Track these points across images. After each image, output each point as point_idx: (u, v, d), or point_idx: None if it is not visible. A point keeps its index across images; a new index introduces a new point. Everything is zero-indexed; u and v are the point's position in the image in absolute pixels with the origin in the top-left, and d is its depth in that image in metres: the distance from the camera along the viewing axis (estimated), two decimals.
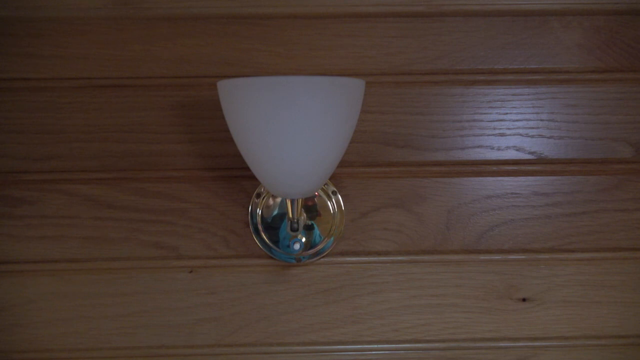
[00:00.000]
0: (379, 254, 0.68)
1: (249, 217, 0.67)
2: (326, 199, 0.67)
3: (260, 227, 0.67)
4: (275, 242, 0.67)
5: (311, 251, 0.67)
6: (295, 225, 0.66)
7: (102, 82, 0.65)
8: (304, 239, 0.66)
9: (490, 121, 0.67)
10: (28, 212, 0.67)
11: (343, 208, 0.67)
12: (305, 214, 0.67)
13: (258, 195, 0.67)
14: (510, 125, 0.67)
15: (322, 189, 0.67)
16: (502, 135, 0.67)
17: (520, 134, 0.67)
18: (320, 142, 0.51)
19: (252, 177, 0.66)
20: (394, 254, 0.68)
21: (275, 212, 0.67)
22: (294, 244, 0.63)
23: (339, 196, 0.67)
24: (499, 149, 0.67)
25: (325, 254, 0.68)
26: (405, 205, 0.68)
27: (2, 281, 0.68)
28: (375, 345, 0.70)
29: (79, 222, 0.67)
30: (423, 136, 0.67)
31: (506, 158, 0.67)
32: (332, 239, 0.67)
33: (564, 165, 0.68)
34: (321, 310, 0.69)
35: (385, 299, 0.69)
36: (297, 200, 0.60)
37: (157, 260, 0.68)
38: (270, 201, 0.67)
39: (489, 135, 0.67)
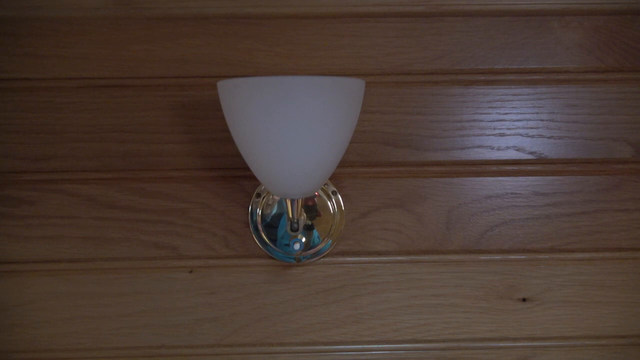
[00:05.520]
0: (379, 254, 0.68)
1: (249, 217, 0.67)
2: (326, 199, 0.67)
3: (260, 227, 0.67)
4: (275, 242, 0.67)
5: (311, 251, 0.67)
6: (295, 226, 0.66)
7: (102, 82, 0.65)
8: (304, 239, 0.66)
9: (490, 121, 0.67)
10: (28, 212, 0.67)
11: (343, 208, 0.67)
12: (305, 214, 0.67)
13: (258, 195, 0.67)
14: (510, 125, 0.67)
15: (322, 189, 0.67)
16: (502, 135, 0.67)
17: (520, 134, 0.67)
18: (320, 142, 0.51)
19: (252, 177, 0.66)
20: (394, 254, 0.68)
21: (275, 212, 0.67)
22: (294, 244, 0.63)
23: (339, 196, 0.67)
24: (499, 149, 0.67)
25: (325, 254, 0.68)
26: (405, 205, 0.68)
27: (2, 281, 0.68)
28: (375, 345, 0.70)
29: (79, 222, 0.67)
30: (423, 136, 0.67)
31: (506, 158, 0.67)
32: (332, 239, 0.67)
33: (564, 165, 0.68)
34: (321, 310, 0.69)
35: (385, 299, 0.69)
36: (297, 200, 0.60)
37: (157, 260, 0.68)
38: (270, 201, 0.67)
39: (489, 135, 0.67)
